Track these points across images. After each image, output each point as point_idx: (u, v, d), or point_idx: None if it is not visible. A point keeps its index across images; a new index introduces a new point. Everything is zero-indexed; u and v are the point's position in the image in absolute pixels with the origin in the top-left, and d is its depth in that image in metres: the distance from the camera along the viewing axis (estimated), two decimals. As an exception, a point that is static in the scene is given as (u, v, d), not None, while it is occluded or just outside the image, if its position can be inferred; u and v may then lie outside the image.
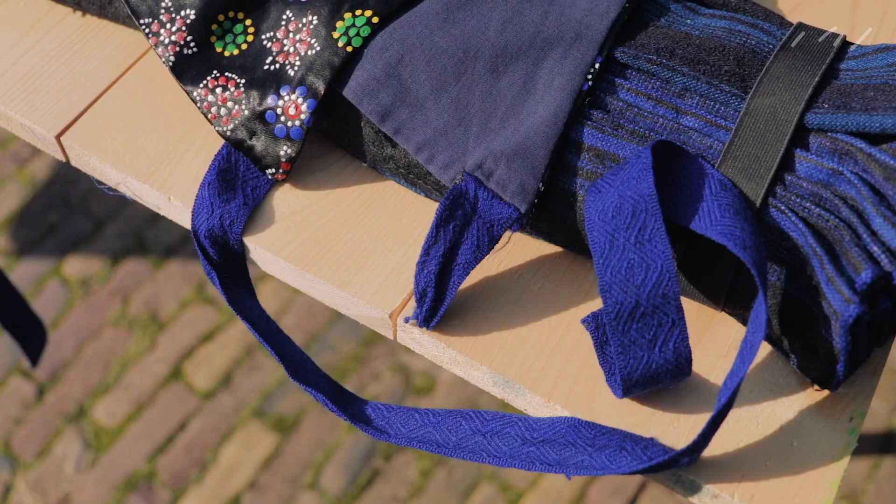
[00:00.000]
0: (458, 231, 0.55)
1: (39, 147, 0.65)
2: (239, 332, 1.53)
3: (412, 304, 0.58)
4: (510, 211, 0.56)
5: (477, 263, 0.55)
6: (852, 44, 0.59)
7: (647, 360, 0.52)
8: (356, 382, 1.49)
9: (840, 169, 0.53)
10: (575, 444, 0.54)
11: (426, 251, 0.55)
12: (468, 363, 0.56)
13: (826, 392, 0.55)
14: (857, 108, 0.54)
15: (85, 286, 1.55)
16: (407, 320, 0.57)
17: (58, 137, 0.64)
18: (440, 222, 0.55)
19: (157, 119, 0.64)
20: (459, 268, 0.55)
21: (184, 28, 0.61)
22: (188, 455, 1.43)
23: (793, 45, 0.57)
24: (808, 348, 0.53)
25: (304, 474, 1.42)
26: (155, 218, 1.63)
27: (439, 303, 0.56)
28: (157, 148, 0.63)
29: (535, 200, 0.56)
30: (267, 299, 1.55)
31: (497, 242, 0.56)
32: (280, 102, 0.60)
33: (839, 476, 0.53)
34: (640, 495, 1.42)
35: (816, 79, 0.56)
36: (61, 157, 0.65)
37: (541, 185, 0.56)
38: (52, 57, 0.67)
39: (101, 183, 0.65)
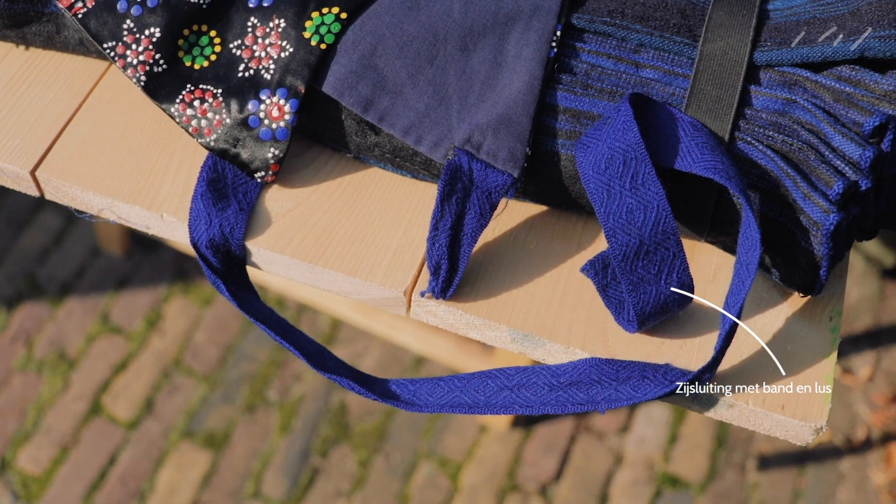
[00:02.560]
0: (461, 203, 0.59)
1: (10, 186, 0.65)
2: (152, 356, 1.51)
3: (422, 279, 0.60)
4: (504, 178, 0.59)
5: (482, 231, 0.59)
6: (773, -14, 0.65)
7: (655, 293, 0.57)
8: (279, 386, 1.50)
9: (793, 97, 0.59)
10: (600, 382, 0.58)
11: (434, 226, 0.58)
12: (486, 325, 0.60)
13: (806, 299, 0.61)
14: (797, 41, 0.60)
15: (-17, 336, 1.50)
16: (423, 294, 0.60)
17: (32, 173, 0.63)
18: (443, 197, 0.58)
19: (129, 139, 0.65)
20: (467, 237, 0.59)
21: (151, 46, 0.62)
22: (124, 488, 1.40)
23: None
24: (790, 261, 0.59)
25: (245, 486, 1.42)
26: (43, 256, 1.58)
27: (453, 273, 0.59)
28: (138, 168, 0.63)
29: (525, 165, 0.60)
30: (173, 320, 1.54)
31: (496, 209, 0.60)
32: (262, 107, 0.61)
33: (832, 370, 0.59)
34: (572, 448, 1.48)
35: (754, 21, 0.61)
36: (34, 193, 0.65)
37: (528, 149, 0.59)
38: (6, 94, 0.66)
39: (80, 212, 0.65)
